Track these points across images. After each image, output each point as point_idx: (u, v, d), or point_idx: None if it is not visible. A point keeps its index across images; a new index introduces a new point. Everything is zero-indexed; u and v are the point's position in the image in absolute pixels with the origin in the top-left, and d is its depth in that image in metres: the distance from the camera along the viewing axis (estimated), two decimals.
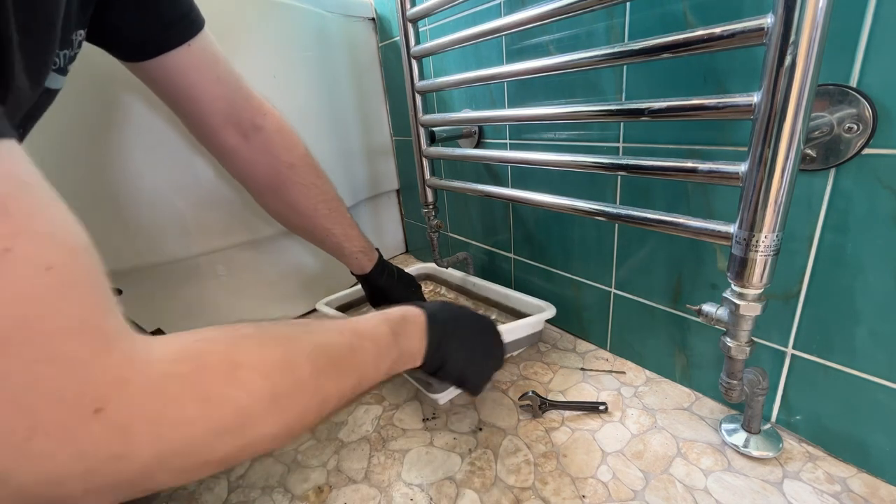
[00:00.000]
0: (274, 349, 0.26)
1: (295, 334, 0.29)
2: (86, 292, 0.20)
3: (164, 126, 0.65)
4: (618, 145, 0.55)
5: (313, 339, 0.30)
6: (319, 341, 0.30)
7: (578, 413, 0.56)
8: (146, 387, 0.20)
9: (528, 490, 0.46)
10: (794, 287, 0.45)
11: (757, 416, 0.48)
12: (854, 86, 0.37)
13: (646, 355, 0.63)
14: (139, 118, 0.63)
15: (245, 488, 0.50)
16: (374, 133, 1.02)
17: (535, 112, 0.53)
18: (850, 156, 0.38)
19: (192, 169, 0.69)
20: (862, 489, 0.43)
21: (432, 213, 0.78)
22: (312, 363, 0.28)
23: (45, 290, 0.18)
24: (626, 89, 0.53)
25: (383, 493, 0.48)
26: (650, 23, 0.48)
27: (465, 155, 0.68)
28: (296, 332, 0.30)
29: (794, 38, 0.29)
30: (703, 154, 0.48)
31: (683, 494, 0.44)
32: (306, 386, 0.27)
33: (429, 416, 0.58)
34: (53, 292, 0.18)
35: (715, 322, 0.43)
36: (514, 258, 0.80)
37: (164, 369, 0.21)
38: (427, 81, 0.68)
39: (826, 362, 0.45)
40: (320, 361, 0.29)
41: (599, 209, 0.49)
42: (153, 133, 0.64)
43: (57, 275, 0.19)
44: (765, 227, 0.35)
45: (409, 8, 0.66)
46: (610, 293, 0.64)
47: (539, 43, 0.61)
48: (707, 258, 0.51)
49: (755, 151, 0.34)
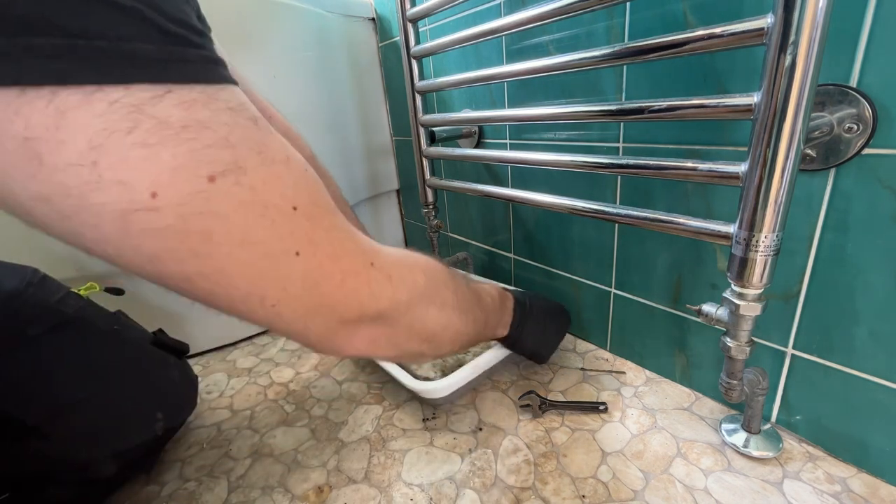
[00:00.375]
0: (447, 275, 0.39)
1: (458, 275, 0.42)
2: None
3: None
4: (618, 145, 0.55)
5: (463, 281, 0.43)
6: (466, 285, 0.43)
7: (578, 413, 0.56)
8: (388, 257, 0.31)
9: (528, 490, 0.46)
10: (794, 287, 0.45)
11: (757, 416, 0.48)
12: (854, 86, 0.37)
13: (646, 355, 0.63)
14: None
15: (245, 488, 0.50)
16: (374, 133, 1.02)
17: (535, 112, 0.53)
18: (850, 156, 0.38)
19: None
20: (862, 489, 0.43)
21: (432, 213, 0.78)
22: (456, 296, 0.40)
23: (314, 183, 0.26)
24: (626, 89, 0.53)
25: (383, 493, 0.48)
26: (650, 23, 0.48)
27: (465, 155, 0.68)
28: (458, 275, 0.43)
29: (794, 38, 0.29)
30: (703, 154, 0.47)
31: (683, 494, 0.44)
32: (454, 305, 0.39)
33: (429, 416, 0.58)
34: (317, 184, 0.26)
35: (715, 322, 0.43)
36: (514, 258, 0.80)
37: (390, 252, 0.33)
38: (427, 81, 0.68)
39: (826, 362, 0.45)
40: (463, 299, 0.41)
41: (599, 209, 0.49)
42: None
43: (313, 174, 0.26)
44: (765, 227, 0.35)
45: (409, 8, 0.66)
46: (610, 293, 0.64)
47: (539, 43, 0.61)
48: (707, 258, 0.51)
49: (755, 151, 0.34)
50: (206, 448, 0.56)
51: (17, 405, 0.38)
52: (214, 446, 0.57)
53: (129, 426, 0.46)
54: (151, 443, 0.49)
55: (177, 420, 0.52)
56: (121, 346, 0.47)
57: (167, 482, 0.52)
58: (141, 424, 0.47)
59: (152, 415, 0.48)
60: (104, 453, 0.44)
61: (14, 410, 0.38)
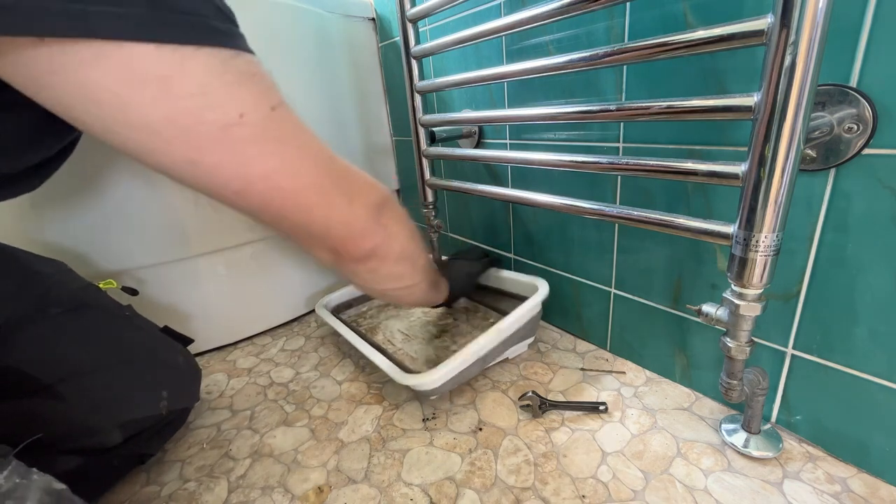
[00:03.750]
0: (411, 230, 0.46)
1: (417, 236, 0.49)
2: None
3: None
4: (618, 145, 0.55)
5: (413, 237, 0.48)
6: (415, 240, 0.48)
7: (578, 413, 0.56)
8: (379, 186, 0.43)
9: (528, 490, 0.46)
10: (794, 287, 0.45)
11: (757, 417, 0.48)
12: (854, 86, 0.37)
13: (646, 355, 0.63)
14: None
15: (245, 488, 0.50)
16: (374, 133, 1.02)
17: (535, 112, 0.53)
18: (850, 156, 0.38)
19: None
20: (862, 489, 0.43)
21: (432, 213, 0.78)
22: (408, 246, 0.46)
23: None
24: (626, 89, 0.53)
25: (383, 493, 0.48)
26: (650, 23, 0.48)
27: (465, 155, 0.68)
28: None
29: (794, 39, 0.30)
30: (703, 154, 0.48)
31: (683, 494, 0.44)
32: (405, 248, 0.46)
33: (429, 416, 0.58)
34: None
35: (715, 322, 0.43)
36: (514, 258, 0.80)
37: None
38: (427, 81, 0.68)
39: (826, 362, 0.45)
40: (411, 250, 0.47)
41: (599, 209, 0.49)
42: None
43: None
44: (765, 227, 0.35)
45: (409, 8, 0.66)
46: (610, 293, 0.64)
47: (539, 43, 0.61)
48: (707, 258, 0.51)
49: (755, 151, 0.34)
50: (206, 448, 0.56)
51: (34, 366, 0.43)
52: (214, 446, 0.57)
53: (136, 398, 0.49)
54: (156, 424, 0.50)
55: (180, 403, 0.53)
56: (132, 328, 0.53)
57: (167, 482, 0.52)
58: (146, 399, 0.49)
59: (157, 391, 0.50)
60: (112, 422, 0.46)
61: (30, 370, 0.43)
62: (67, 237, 0.64)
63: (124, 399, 0.47)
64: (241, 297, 0.80)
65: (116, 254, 0.67)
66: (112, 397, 0.47)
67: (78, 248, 0.65)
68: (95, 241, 0.65)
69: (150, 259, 0.69)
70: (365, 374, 0.68)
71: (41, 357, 0.44)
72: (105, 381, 0.46)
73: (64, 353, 0.45)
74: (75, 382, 0.44)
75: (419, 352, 0.69)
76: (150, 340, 0.54)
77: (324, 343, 0.79)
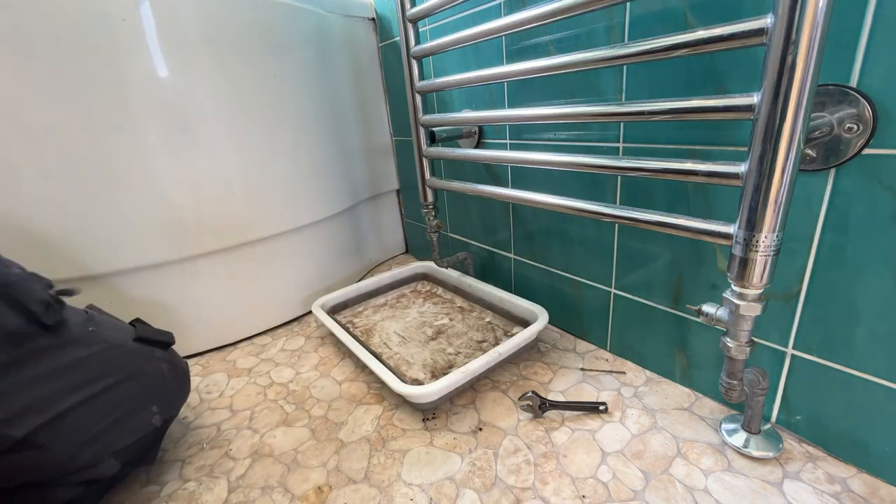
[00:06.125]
0: None
1: None
2: None
3: (167, 127, 0.65)
4: (618, 145, 0.55)
5: None
6: None
7: (578, 413, 0.56)
8: None
9: (528, 490, 0.46)
10: (794, 287, 0.45)
11: (757, 417, 0.48)
12: (854, 86, 0.37)
13: (646, 355, 0.63)
14: (143, 120, 0.63)
15: (245, 488, 0.50)
16: (374, 133, 1.02)
17: (535, 112, 0.53)
18: (850, 156, 0.38)
19: (192, 170, 0.69)
20: (862, 489, 0.43)
21: (432, 213, 0.78)
22: None
23: None
24: (627, 89, 0.53)
25: (383, 493, 0.48)
26: (650, 23, 0.48)
27: (465, 155, 0.68)
28: None
29: (794, 38, 0.30)
30: (703, 154, 0.48)
31: (683, 495, 0.44)
32: None
33: (429, 416, 0.58)
34: None
35: (715, 322, 0.43)
36: (514, 258, 0.80)
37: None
38: (427, 81, 0.68)
39: (826, 362, 0.45)
40: None
41: (599, 209, 0.49)
42: (155, 134, 0.64)
43: None
44: (765, 227, 0.35)
45: (409, 8, 0.66)
46: (610, 293, 0.64)
47: (539, 43, 0.61)
48: (707, 258, 0.51)
49: (755, 151, 0.34)
50: (206, 448, 0.56)
51: (1, 421, 0.38)
52: (214, 446, 0.57)
53: (125, 426, 0.46)
54: (151, 435, 0.49)
55: (173, 410, 0.53)
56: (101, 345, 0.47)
57: (167, 482, 0.52)
58: (135, 421, 0.47)
59: (146, 408, 0.48)
60: (104, 453, 0.44)
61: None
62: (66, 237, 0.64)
63: (110, 428, 0.45)
64: (241, 297, 0.80)
65: (116, 254, 0.67)
66: (97, 431, 0.44)
67: (76, 248, 0.65)
68: (95, 240, 0.65)
69: (149, 259, 0.69)
70: (365, 375, 0.68)
71: (5, 409, 0.39)
72: (85, 416, 0.43)
73: (30, 399, 0.40)
74: (51, 427, 0.40)
75: (415, 356, 0.69)
76: (124, 356, 0.49)
77: (324, 343, 0.79)
